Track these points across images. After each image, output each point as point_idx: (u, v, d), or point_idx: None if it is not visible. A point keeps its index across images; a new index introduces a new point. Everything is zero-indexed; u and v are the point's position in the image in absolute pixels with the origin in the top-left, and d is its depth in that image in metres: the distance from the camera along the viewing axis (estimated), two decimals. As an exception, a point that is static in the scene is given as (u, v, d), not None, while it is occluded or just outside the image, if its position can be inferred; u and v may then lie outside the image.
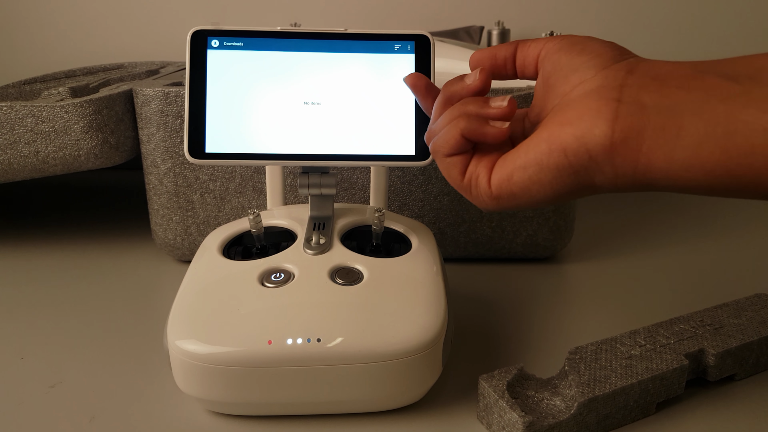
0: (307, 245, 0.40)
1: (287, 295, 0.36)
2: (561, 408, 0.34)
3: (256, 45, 0.39)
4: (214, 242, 0.42)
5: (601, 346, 0.38)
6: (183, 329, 0.35)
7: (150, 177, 0.55)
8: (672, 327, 0.40)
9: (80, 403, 0.38)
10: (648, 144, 0.27)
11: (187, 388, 0.35)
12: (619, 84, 0.28)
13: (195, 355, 0.33)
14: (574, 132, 0.28)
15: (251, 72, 0.39)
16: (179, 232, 0.56)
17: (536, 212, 0.55)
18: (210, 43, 0.39)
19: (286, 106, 0.39)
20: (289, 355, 0.33)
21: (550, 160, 0.29)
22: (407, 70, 0.40)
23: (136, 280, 0.55)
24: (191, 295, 0.37)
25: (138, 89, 0.52)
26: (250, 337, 0.34)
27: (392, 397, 0.36)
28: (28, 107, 0.51)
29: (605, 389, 0.34)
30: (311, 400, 0.35)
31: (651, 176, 0.27)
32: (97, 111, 0.52)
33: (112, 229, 0.66)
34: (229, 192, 0.55)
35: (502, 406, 0.33)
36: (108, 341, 0.45)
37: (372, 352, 0.34)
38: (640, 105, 0.27)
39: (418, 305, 0.36)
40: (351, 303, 0.36)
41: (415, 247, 0.42)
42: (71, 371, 0.41)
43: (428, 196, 0.55)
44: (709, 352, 0.38)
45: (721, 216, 0.71)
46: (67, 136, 0.52)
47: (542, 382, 0.36)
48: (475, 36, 0.78)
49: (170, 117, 0.52)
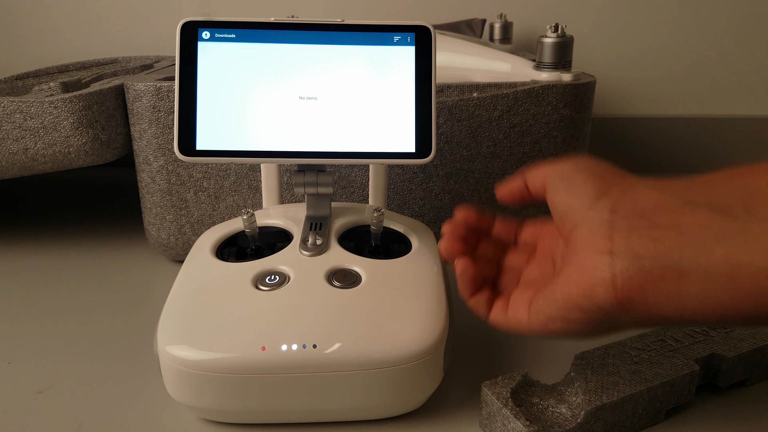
0: (303, 246, 0.39)
1: (282, 299, 0.35)
2: (567, 416, 0.33)
3: (249, 37, 0.38)
4: (207, 243, 0.41)
5: (608, 351, 0.37)
6: (173, 334, 0.33)
7: (142, 175, 0.53)
8: (681, 330, 0.39)
9: (68, 410, 0.37)
10: (653, 297, 0.26)
11: (178, 395, 0.34)
12: (606, 231, 0.27)
13: (186, 362, 0.32)
14: (583, 292, 0.27)
15: (244, 65, 0.38)
16: (173, 232, 0.55)
17: (539, 211, 0.54)
18: (201, 35, 0.37)
19: (281, 101, 0.38)
20: (283, 362, 0.32)
21: (572, 315, 0.28)
22: (407, 63, 0.38)
23: (128, 280, 0.54)
24: (182, 298, 0.36)
25: (129, 84, 0.51)
26: (243, 343, 0.32)
27: (391, 405, 0.35)
28: (16, 103, 0.49)
29: (613, 396, 0.33)
30: (307, 407, 0.34)
31: (669, 319, 0.26)
32: (87, 107, 0.50)
33: (104, 229, 0.65)
34: (224, 190, 0.53)
35: (505, 415, 0.32)
36: (98, 345, 0.44)
37: (370, 359, 0.32)
38: (635, 256, 0.26)
39: (418, 309, 0.35)
40: (348, 307, 0.34)
41: (416, 247, 0.40)
42: (60, 376, 0.40)
43: (429, 194, 0.54)
44: (720, 357, 0.37)
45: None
46: (56, 133, 0.50)
47: (547, 388, 0.35)
48: (477, 29, 0.76)
49: (162, 113, 0.51)
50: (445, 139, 0.52)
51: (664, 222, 0.26)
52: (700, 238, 0.24)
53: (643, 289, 0.26)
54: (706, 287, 0.24)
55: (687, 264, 0.24)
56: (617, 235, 0.27)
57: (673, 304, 0.25)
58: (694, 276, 0.24)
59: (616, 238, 0.27)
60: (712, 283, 0.24)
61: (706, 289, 0.24)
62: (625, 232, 0.27)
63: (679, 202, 0.26)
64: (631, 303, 0.26)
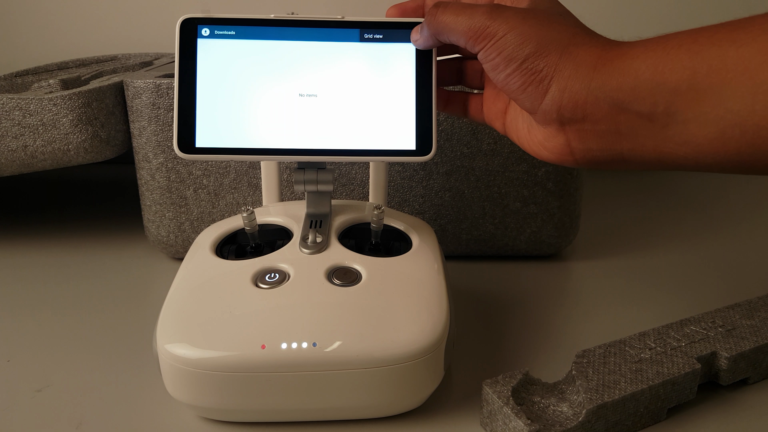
0: (303, 244, 0.39)
1: (282, 297, 0.35)
2: (568, 415, 0.33)
3: (249, 34, 0.37)
4: (206, 240, 0.41)
5: (609, 349, 0.37)
6: (173, 332, 0.33)
7: (142, 172, 0.53)
8: (683, 329, 0.39)
9: (67, 409, 0.37)
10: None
11: (177, 393, 0.34)
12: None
13: (185, 360, 0.32)
14: (552, 158, 0.32)
15: (243, 62, 0.37)
16: (172, 229, 0.54)
17: (540, 209, 0.54)
18: (200, 31, 0.37)
19: (280, 98, 0.38)
20: (283, 361, 0.32)
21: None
22: (408, 59, 0.38)
23: (128, 278, 0.53)
24: (182, 296, 0.36)
25: (129, 81, 0.51)
26: (242, 341, 0.32)
27: (392, 404, 0.34)
28: (15, 100, 0.49)
29: (615, 395, 0.33)
30: (307, 406, 0.33)
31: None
32: (87, 104, 0.50)
33: (104, 226, 0.64)
34: (224, 188, 0.53)
35: (506, 413, 0.32)
36: (98, 343, 0.43)
37: (371, 357, 0.32)
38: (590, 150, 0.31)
39: (419, 307, 0.35)
40: (349, 305, 0.34)
41: (416, 245, 0.40)
42: (59, 374, 0.40)
43: (429, 192, 0.53)
44: (721, 356, 0.37)
45: (731, 212, 0.69)
46: (55, 130, 0.50)
47: (548, 387, 0.35)
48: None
49: (162, 110, 0.50)
50: (445, 137, 0.52)
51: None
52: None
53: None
54: (643, 163, 0.30)
55: (628, 154, 0.30)
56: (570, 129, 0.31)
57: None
58: (633, 164, 0.30)
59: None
60: (646, 166, 0.30)
61: (643, 164, 0.30)
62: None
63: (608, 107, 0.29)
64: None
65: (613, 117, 0.29)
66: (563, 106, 0.29)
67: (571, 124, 0.30)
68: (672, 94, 0.26)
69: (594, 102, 0.28)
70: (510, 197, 0.53)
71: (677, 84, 0.26)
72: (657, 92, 0.27)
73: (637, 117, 0.28)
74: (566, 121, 0.30)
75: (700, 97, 0.26)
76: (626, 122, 0.28)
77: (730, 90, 0.25)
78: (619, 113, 0.28)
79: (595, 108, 0.29)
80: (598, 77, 0.28)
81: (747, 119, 0.25)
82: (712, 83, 0.25)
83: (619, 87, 0.28)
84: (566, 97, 0.29)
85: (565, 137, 0.31)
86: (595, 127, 0.29)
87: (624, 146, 0.29)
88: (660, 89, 0.27)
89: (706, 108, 0.26)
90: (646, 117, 0.28)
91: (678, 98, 0.26)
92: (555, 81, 0.29)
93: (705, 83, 0.26)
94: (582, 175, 0.55)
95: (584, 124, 0.30)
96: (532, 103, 0.30)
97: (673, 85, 0.26)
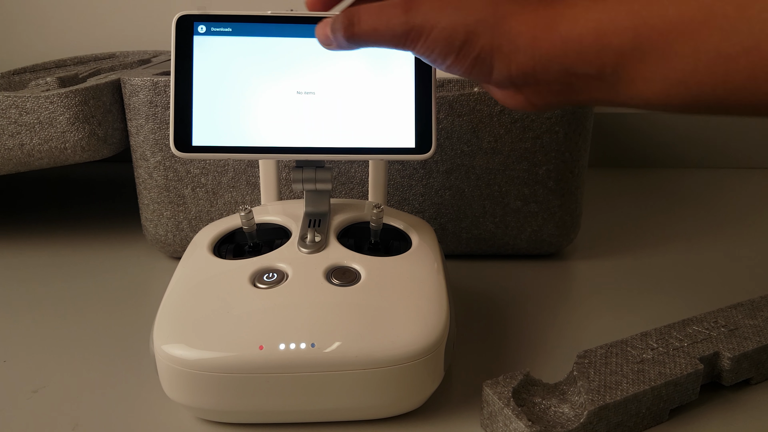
0: (301, 243, 0.38)
1: (280, 297, 0.34)
2: (570, 416, 0.32)
3: (246, 31, 0.37)
4: (204, 239, 0.40)
5: (611, 350, 0.36)
6: (170, 333, 0.33)
7: (139, 170, 0.53)
8: (685, 329, 0.39)
9: (64, 409, 0.36)
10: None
11: (174, 395, 0.33)
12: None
13: (182, 361, 0.32)
14: (516, 108, 0.33)
15: (240, 59, 0.37)
16: (170, 228, 0.54)
17: (541, 207, 0.53)
18: (197, 29, 0.37)
19: (278, 95, 0.37)
20: (281, 361, 0.31)
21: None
22: (407, 57, 0.38)
23: (125, 277, 0.53)
24: (179, 296, 0.35)
25: (126, 79, 0.50)
26: (240, 342, 0.32)
27: (391, 405, 0.34)
28: (11, 98, 0.49)
29: (616, 396, 0.32)
30: (305, 407, 0.33)
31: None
32: (84, 102, 0.49)
33: (101, 225, 0.64)
34: (222, 186, 0.53)
35: (507, 415, 0.32)
36: (95, 343, 0.43)
37: (370, 358, 0.32)
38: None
39: (418, 307, 0.34)
40: (348, 305, 0.34)
41: (416, 244, 0.40)
42: (55, 375, 0.40)
43: (429, 190, 0.53)
44: (724, 356, 0.36)
45: (733, 210, 0.69)
46: (52, 128, 0.50)
47: (549, 388, 0.35)
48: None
49: (159, 108, 0.50)
50: (445, 135, 0.51)
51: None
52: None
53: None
54: (602, 106, 0.32)
55: (585, 101, 0.31)
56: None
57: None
58: (592, 106, 0.34)
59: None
60: (606, 107, 0.33)
61: (602, 106, 0.32)
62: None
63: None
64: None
65: (564, 78, 0.29)
66: (512, 76, 0.30)
67: (525, 87, 0.31)
68: (617, 56, 0.27)
69: (543, 69, 0.29)
70: (510, 196, 0.53)
71: (621, 46, 0.27)
72: (603, 55, 0.27)
73: (587, 77, 0.29)
74: (520, 85, 0.31)
75: (645, 57, 0.26)
76: (578, 82, 0.29)
77: (673, 51, 0.26)
78: (570, 76, 0.29)
79: (545, 74, 0.29)
80: (542, 46, 0.28)
81: (690, 77, 0.26)
82: (655, 44, 0.26)
83: (565, 53, 0.28)
84: (513, 68, 0.29)
85: (524, 96, 0.31)
86: (550, 87, 0.30)
87: (581, 97, 0.30)
88: (605, 51, 0.27)
89: (652, 67, 0.27)
90: (596, 77, 0.28)
91: (623, 59, 0.27)
92: (495, 59, 0.29)
93: (647, 44, 0.26)
94: (583, 174, 0.54)
95: (538, 87, 0.30)
96: (482, 79, 0.31)
97: (617, 47, 0.27)
